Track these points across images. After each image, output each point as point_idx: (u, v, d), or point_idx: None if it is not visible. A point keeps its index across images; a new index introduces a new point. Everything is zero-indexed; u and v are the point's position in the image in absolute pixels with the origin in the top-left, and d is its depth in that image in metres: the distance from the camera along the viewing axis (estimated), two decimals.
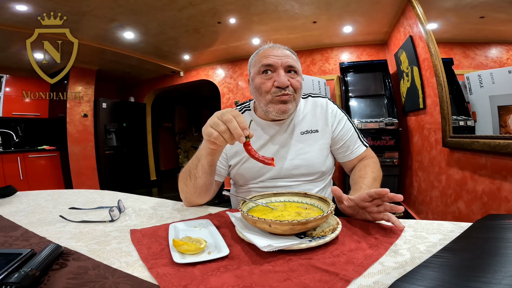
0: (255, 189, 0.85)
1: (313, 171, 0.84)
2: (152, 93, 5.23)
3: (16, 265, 0.40)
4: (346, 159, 0.89)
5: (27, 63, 3.41)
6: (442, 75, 1.76)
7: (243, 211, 0.53)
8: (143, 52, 3.71)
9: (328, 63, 3.57)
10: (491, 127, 1.34)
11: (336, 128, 0.87)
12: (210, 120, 0.59)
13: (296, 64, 0.79)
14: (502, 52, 1.33)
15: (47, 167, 3.82)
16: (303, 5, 2.52)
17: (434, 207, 2.06)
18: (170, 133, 7.20)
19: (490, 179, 1.36)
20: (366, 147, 0.90)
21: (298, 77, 0.80)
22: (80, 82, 4.05)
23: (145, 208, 0.81)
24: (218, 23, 2.87)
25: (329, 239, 0.48)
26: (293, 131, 0.86)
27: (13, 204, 0.89)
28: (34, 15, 2.29)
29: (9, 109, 3.68)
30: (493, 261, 0.33)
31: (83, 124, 4.06)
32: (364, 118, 2.83)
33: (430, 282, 0.31)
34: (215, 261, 0.44)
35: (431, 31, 1.88)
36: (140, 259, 0.46)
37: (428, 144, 2.18)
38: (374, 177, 0.78)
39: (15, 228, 0.62)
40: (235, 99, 4.12)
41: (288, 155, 0.84)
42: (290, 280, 0.37)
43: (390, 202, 0.55)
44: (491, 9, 1.39)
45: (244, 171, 0.85)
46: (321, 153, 0.85)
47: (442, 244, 0.45)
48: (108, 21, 2.73)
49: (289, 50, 0.82)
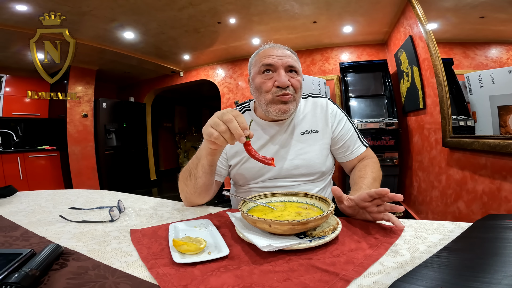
0: (255, 189, 0.85)
1: (313, 171, 0.84)
2: (152, 93, 5.23)
3: (16, 265, 0.40)
4: (346, 159, 0.89)
5: (27, 63, 3.42)
6: (442, 75, 1.76)
7: (243, 211, 0.53)
8: (143, 52, 3.71)
9: (328, 63, 3.57)
10: (491, 127, 1.34)
11: (336, 128, 0.87)
12: (210, 120, 0.59)
13: (296, 64, 0.79)
14: (502, 52, 1.33)
15: (47, 167, 3.82)
16: (303, 5, 2.52)
17: (434, 207, 2.06)
18: (170, 133, 7.20)
19: (490, 179, 1.36)
20: (366, 147, 0.90)
21: (299, 77, 0.80)
22: (80, 82, 4.05)
23: (145, 208, 0.81)
24: (218, 23, 2.87)
25: (329, 239, 0.48)
26: (293, 131, 0.86)
27: (13, 204, 0.89)
28: (34, 15, 2.29)
29: (9, 109, 3.68)
30: (493, 261, 0.33)
31: (83, 124, 4.06)
32: (364, 118, 2.83)
33: (430, 282, 0.31)
34: (215, 261, 0.44)
35: (431, 31, 1.88)
36: (140, 259, 0.46)
37: (428, 144, 2.18)
38: (374, 177, 0.78)
39: (15, 228, 0.62)
40: (235, 99, 4.12)
41: (288, 155, 0.84)
42: (290, 280, 0.37)
43: (390, 202, 0.55)
44: (491, 9, 1.39)
45: (244, 171, 0.85)
46: (321, 153, 0.85)
47: (442, 244, 0.45)
48: (108, 21, 2.73)
49: (289, 50, 0.82)
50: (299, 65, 0.82)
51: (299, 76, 0.80)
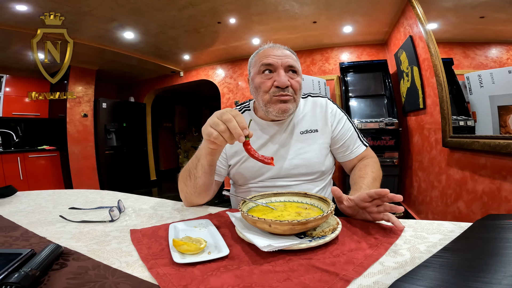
0: (255, 189, 0.85)
1: (313, 170, 0.84)
2: (152, 93, 5.23)
3: (16, 265, 0.40)
4: (346, 158, 0.89)
5: (27, 63, 3.42)
6: (442, 75, 1.76)
7: (243, 211, 0.53)
8: (143, 52, 3.71)
9: (328, 63, 3.57)
10: (491, 127, 1.34)
11: (336, 127, 0.87)
12: (209, 119, 0.59)
13: (296, 64, 0.79)
14: (502, 52, 1.33)
15: (47, 167, 3.82)
16: (303, 5, 2.52)
17: (434, 207, 2.06)
18: (170, 133, 7.20)
19: (490, 179, 1.36)
20: (366, 146, 0.89)
21: (298, 77, 0.80)
22: (80, 82, 4.05)
23: (145, 208, 0.81)
24: (218, 23, 2.87)
25: (329, 239, 0.48)
26: (292, 131, 0.86)
27: (13, 204, 0.89)
28: (34, 15, 2.29)
29: (9, 109, 3.68)
30: (493, 261, 0.33)
31: (83, 124, 4.06)
32: (364, 118, 2.83)
33: (430, 282, 0.31)
34: (215, 261, 0.44)
35: (431, 31, 1.88)
36: (140, 259, 0.46)
37: (428, 144, 2.18)
38: (374, 177, 0.78)
39: (15, 228, 0.62)
40: (235, 99, 4.12)
41: (288, 154, 0.84)
42: (290, 280, 0.37)
43: (389, 202, 0.55)
44: (491, 9, 1.39)
45: (244, 171, 0.85)
46: (321, 152, 0.85)
47: (442, 244, 0.45)
48: (108, 21, 2.73)
49: (289, 50, 0.82)
50: (298, 65, 0.81)
51: (299, 76, 0.80)
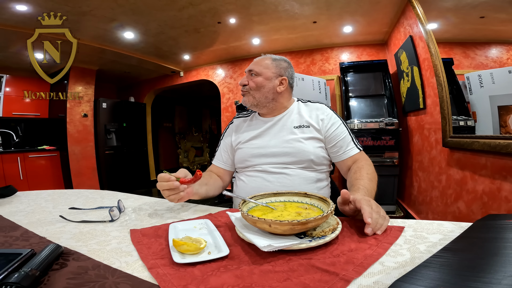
0: (254, 171, 0.94)
1: (302, 158, 0.90)
2: (152, 93, 5.23)
3: (16, 265, 0.40)
4: (339, 159, 0.93)
5: (27, 63, 3.41)
6: (442, 75, 1.76)
7: (243, 211, 0.53)
8: (143, 52, 3.71)
9: (328, 63, 3.57)
10: (491, 127, 1.34)
11: (330, 128, 0.92)
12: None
13: (256, 68, 0.95)
14: (502, 52, 1.33)
15: (47, 167, 3.82)
16: (303, 5, 2.52)
17: (434, 207, 2.06)
18: (170, 133, 7.19)
19: (490, 179, 1.36)
20: (360, 150, 0.92)
21: (256, 78, 0.95)
22: (80, 82, 4.05)
23: (145, 208, 0.81)
24: (218, 23, 2.87)
25: (329, 239, 0.48)
26: (286, 124, 0.96)
27: (13, 204, 0.89)
28: (34, 15, 2.29)
29: (9, 109, 3.68)
30: (493, 261, 0.33)
31: (83, 124, 4.06)
32: (364, 118, 2.83)
33: (430, 282, 0.31)
34: (215, 261, 0.44)
35: (431, 31, 1.88)
36: (140, 259, 0.46)
37: (428, 144, 2.18)
38: (370, 178, 0.80)
39: (15, 228, 0.62)
40: (235, 99, 4.12)
41: (279, 143, 0.93)
42: (290, 280, 0.37)
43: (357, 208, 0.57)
44: (491, 9, 1.39)
45: (242, 153, 0.99)
46: (311, 144, 0.92)
47: (442, 244, 0.45)
48: (108, 21, 2.73)
49: (269, 59, 0.97)
50: (263, 69, 0.95)
51: (258, 77, 0.95)
